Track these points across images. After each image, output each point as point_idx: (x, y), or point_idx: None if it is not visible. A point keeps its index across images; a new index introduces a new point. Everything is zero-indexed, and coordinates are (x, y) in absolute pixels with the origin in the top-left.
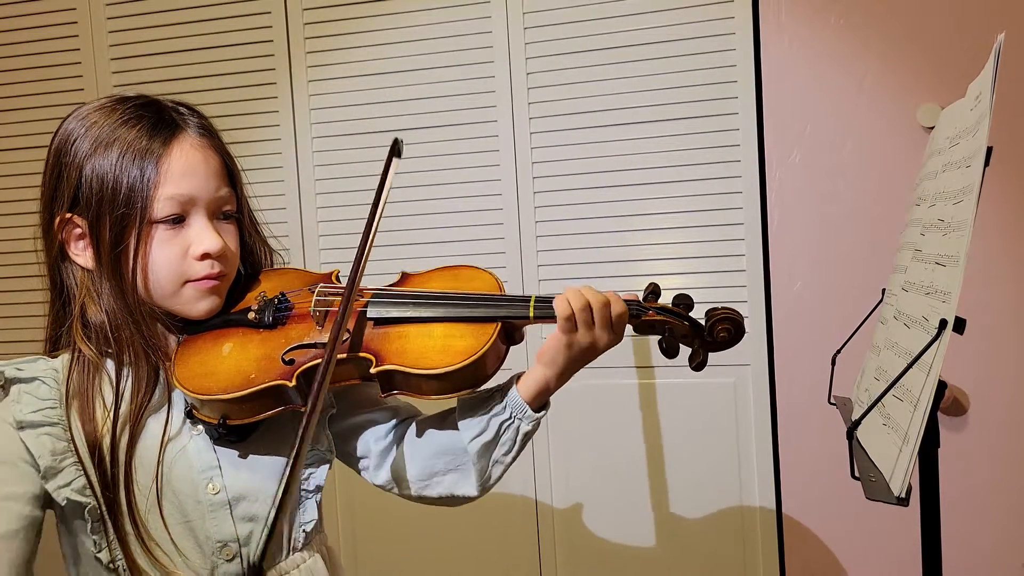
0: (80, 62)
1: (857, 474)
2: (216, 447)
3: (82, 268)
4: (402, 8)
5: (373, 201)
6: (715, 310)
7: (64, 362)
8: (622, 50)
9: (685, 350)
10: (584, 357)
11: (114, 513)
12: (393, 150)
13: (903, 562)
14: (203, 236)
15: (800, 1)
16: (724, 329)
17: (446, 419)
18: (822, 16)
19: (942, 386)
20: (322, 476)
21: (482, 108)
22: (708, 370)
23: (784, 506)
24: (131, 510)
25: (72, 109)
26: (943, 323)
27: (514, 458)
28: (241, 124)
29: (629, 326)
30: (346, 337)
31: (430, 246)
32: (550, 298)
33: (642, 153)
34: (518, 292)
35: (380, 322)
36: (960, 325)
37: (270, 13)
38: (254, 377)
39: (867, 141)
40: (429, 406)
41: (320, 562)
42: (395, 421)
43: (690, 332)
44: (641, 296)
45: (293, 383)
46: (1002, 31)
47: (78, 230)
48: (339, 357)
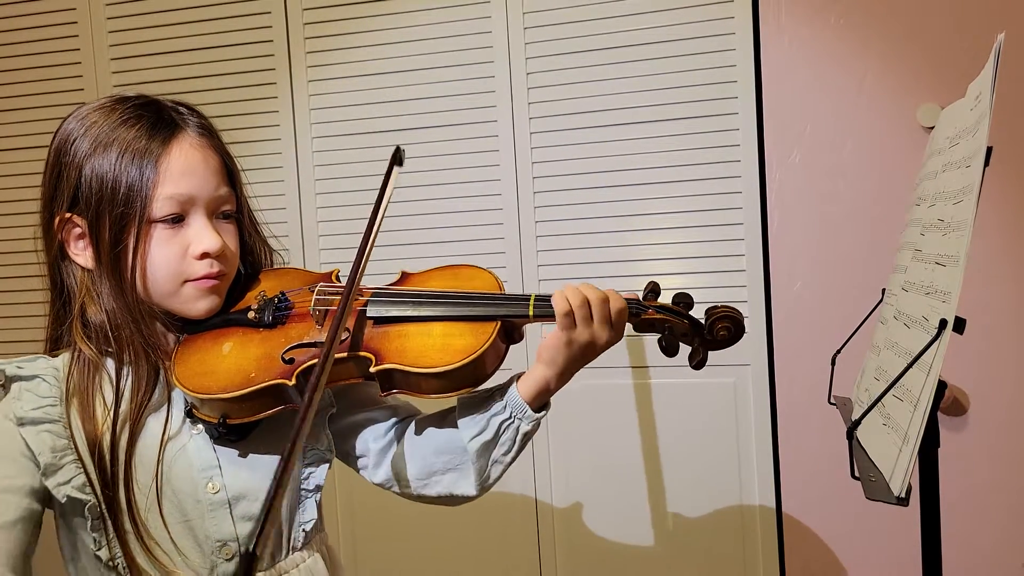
0: (80, 62)
1: (857, 474)
2: (216, 446)
3: (82, 268)
4: (402, 8)
5: (373, 208)
6: (715, 308)
7: (65, 361)
8: (622, 50)
9: (685, 349)
10: (584, 355)
11: (114, 511)
12: (394, 159)
13: (903, 562)
14: (202, 235)
15: (800, 1)
16: (724, 327)
17: (446, 418)
18: (822, 16)
19: (942, 386)
20: (322, 475)
21: (482, 108)
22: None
23: (784, 506)
24: (131, 509)
25: (72, 109)
26: (943, 323)
27: (513, 458)
28: (241, 124)
29: (629, 325)
30: (346, 336)
31: (430, 246)
32: (549, 296)
33: (642, 153)
34: (518, 292)
35: (380, 321)
36: (960, 325)
37: (270, 13)
38: (254, 376)
39: (867, 141)
40: (429, 405)
41: (320, 562)
42: (394, 420)
43: (690, 330)
44: (641, 295)
45: (293, 382)
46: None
47: (78, 230)
48: (339, 356)
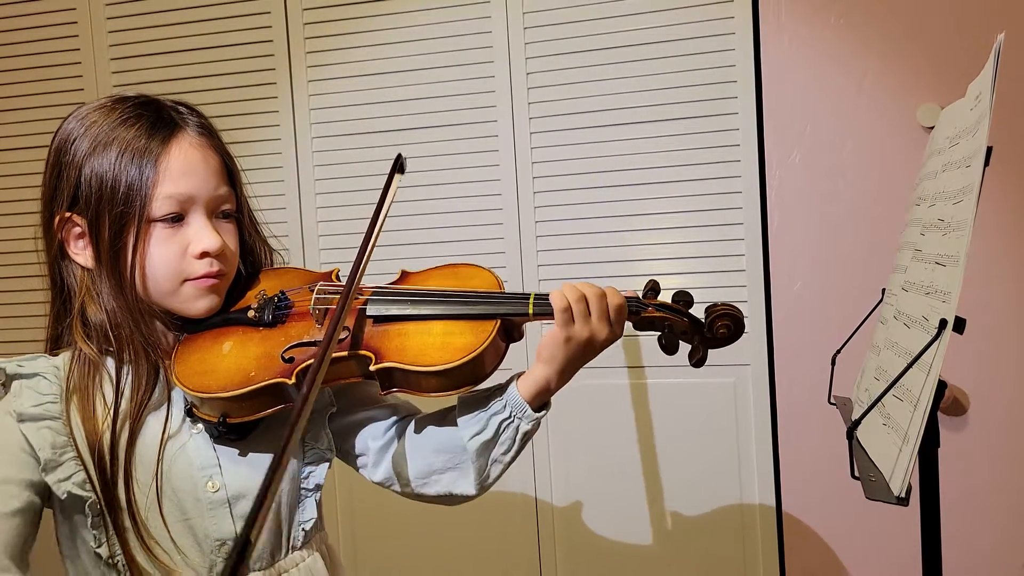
0: (80, 62)
1: (857, 474)
2: (216, 445)
3: (82, 267)
4: (402, 8)
5: (373, 214)
6: (714, 306)
7: (65, 360)
8: (622, 50)
9: (685, 347)
10: (583, 353)
11: (113, 509)
12: (396, 166)
13: (903, 562)
14: (202, 235)
15: (800, 1)
16: (724, 325)
17: (446, 417)
18: (822, 16)
19: (942, 386)
20: (322, 475)
21: (482, 108)
22: (708, 370)
23: (784, 506)
24: (130, 507)
25: (72, 109)
26: (943, 323)
27: (513, 457)
28: (241, 124)
29: (629, 323)
30: (346, 335)
31: (430, 246)
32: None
33: (642, 153)
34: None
35: (380, 320)
36: (960, 325)
37: (270, 13)
38: (254, 375)
39: (867, 141)
40: (429, 404)
41: (320, 561)
42: (394, 419)
43: (690, 328)
44: (641, 293)
45: (292, 381)
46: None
47: (77, 229)
48: (339, 354)
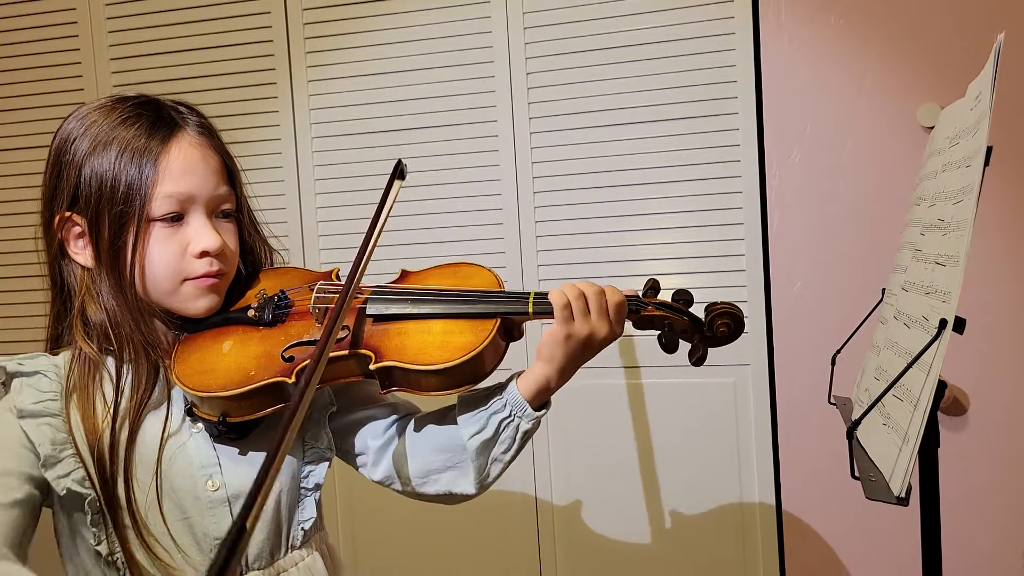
0: (80, 62)
1: (857, 474)
2: (216, 444)
3: (82, 266)
4: (402, 8)
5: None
6: (714, 304)
7: (65, 359)
8: (622, 50)
9: (685, 345)
10: (583, 350)
11: (113, 507)
12: (395, 172)
13: (903, 562)
14: (201, 234)
15: (800, 1)
16: (724, 324)
17: (445, 416)
18: (822, 16)
19: (942, 386)
20: (321, 474)
21: (482, 108)
22: (708, 370)
23: (784, 506)
24: (130, 505)
25: (72, 109)
26: (943, 323)
27: (513, 456)
28: (241, 124)
29: (629, 322)
30: (346, 334)
31: (430, 246)
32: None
33: (641, 153)
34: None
35: (379, 319)
36: (960, 325)
37: (270, 13)
38: (254, 374)
39: (867, 141)
40: (429, 403)
41: (319, 561)
42: (394, 417)
43: (690, 327)
44: (641, 292)
45: (292, 380)
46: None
47: (77, 228)
48: (339, 353)
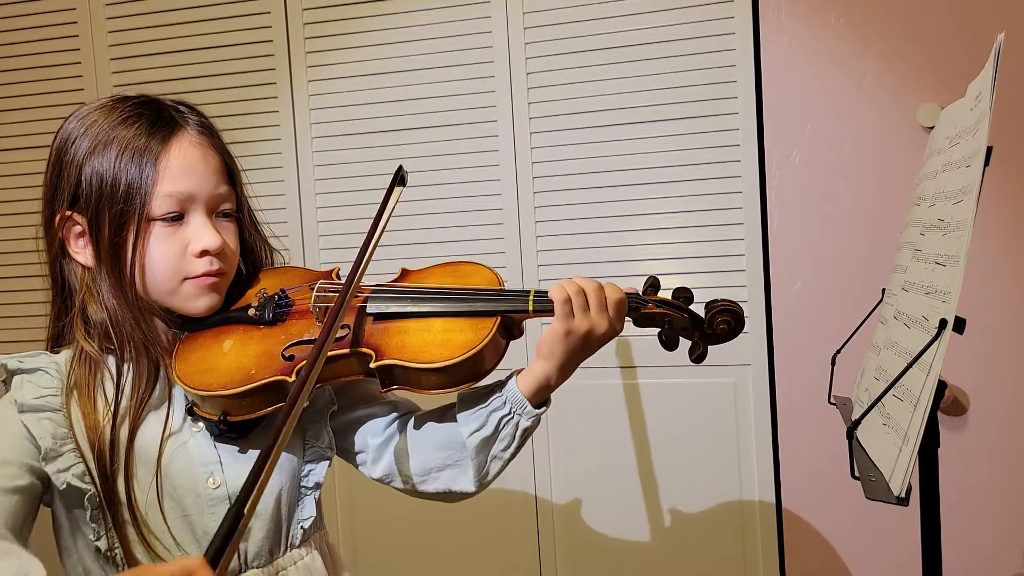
0: (80, 62)
1: (857, 474)
2: (217, 443)
3: (82, 265)
4: (402, 8)
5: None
6: (715, 302)
7: (66, 357)
8: (622, 50)
9: (685, 343)
10: (583, 347)
11: (112, 504)
12: (396, 178)
13: (903, 562)
14: (202, 233)
15: (800, 1)
16: (724, 321)
17: (445, 414)
18: (822, 16)
19: (942, 386)
20: (321, 473)
21: (482, 108)
22: (708, 370)
23: (784, 506)
24: (130, 502)
25: (74, 109)
26: (943, 323)
27: (513, 454)
28: (241, 124)
29: (629, 320)
30: (346, 332)
31: (430, 246)
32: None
33: (641, 153)
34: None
35: (380, 317)
36: (960, 325)
37: (270, 13)
38: (254, 373)
39: (867, 141)
40: (429, 401)
41: (319, 560)
42: (394, 415)
43: (690, 324)
44: (641, 289)
45: (293, 378)
46: (1002, 31)
47: (78, 228)
48: (339, 352)
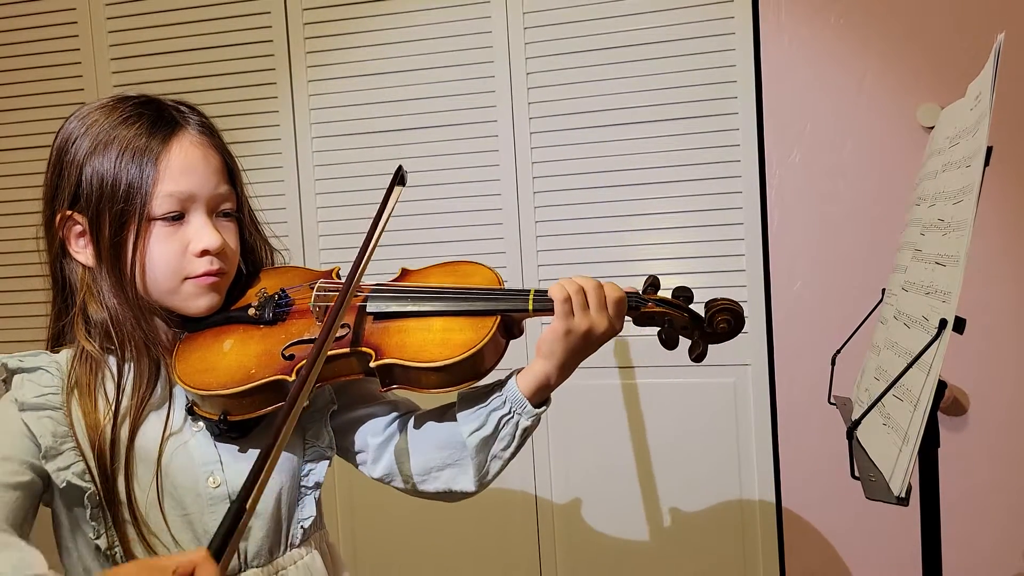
0: (80, 62)
1: (857, 474)
2: (217, 443)
3: (83, 265)
4: (402, 8)
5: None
6: (714, 301)
7: (67, 357)
8: (622, 50)
9: (685, 342)
10: (583, 346)
11: (112, 503)
12: (396, 178)
13: (903, 562)
14: (202, 233)
15: (800, 1)
16: (724, 320)
17: (445, 413)
18: (822, 16)
19: (942, 386)
20: (322, 472)
21: (482, 108)
22: (708, 370)
23: (784, 505)
24: (130, 501)
25: (74, 109)
26: (943, 323)
27: (513, 454)
28: (241, 124)
29: (629, 319)
30: (346, 332)
31: (430, 246)
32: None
33: (641, 153)
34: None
35: (380, 316)
36: (960, 325)
37: (270, 13)
38: (254, 372)
39: (867, 141)
40: (429, 401)
41: (318, 559)
42: (394, 415)
43: (690, 323)
44: (641, 288)
45: (293, 378)
46: (1002, 31)
47: (78, 227)
48: (339, 351)
